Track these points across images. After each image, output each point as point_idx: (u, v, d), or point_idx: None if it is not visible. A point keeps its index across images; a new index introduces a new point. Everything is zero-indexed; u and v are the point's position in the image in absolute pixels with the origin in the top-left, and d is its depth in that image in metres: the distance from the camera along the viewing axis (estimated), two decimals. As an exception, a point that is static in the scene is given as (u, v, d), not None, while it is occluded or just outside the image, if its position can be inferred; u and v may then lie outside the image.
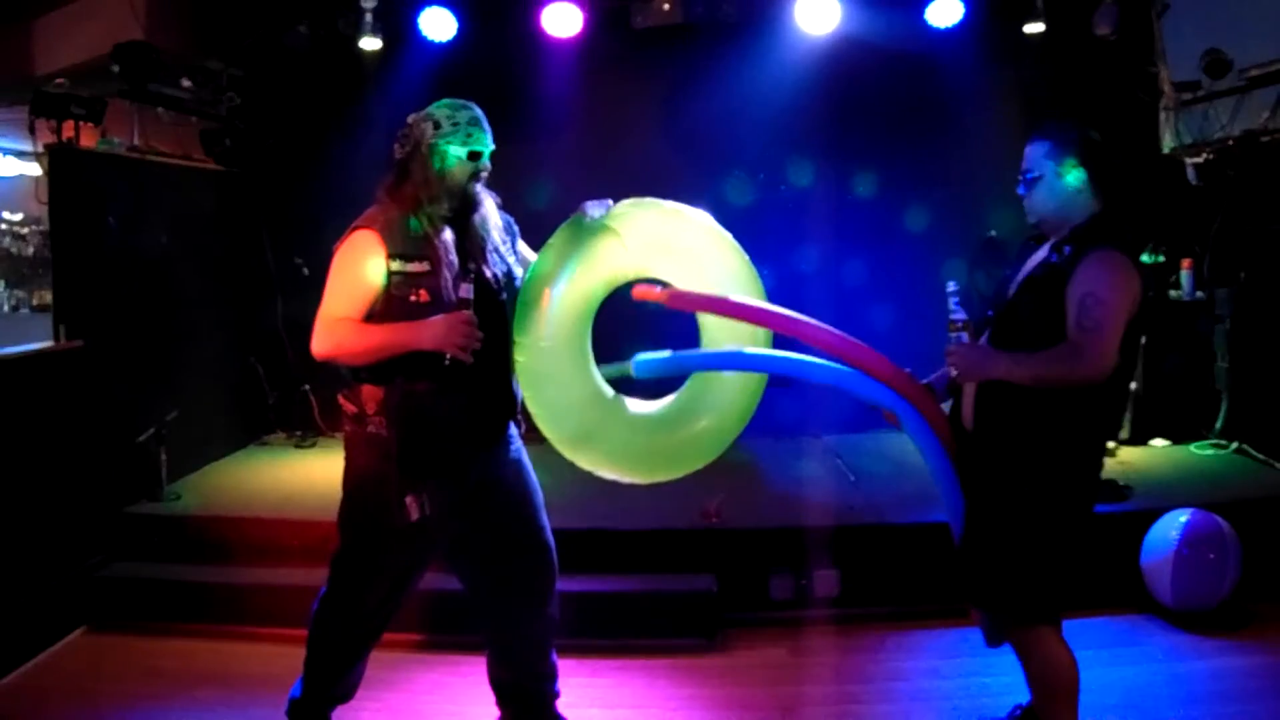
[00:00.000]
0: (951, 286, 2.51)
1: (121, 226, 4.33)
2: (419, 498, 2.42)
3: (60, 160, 4.12)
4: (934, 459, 2.53)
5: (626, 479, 2.63)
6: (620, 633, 3.58)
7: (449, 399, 2.45)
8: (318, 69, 5.31)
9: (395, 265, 2.39)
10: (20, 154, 8.18)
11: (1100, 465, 2.48)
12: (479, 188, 2.52)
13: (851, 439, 5.22)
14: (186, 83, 4.96)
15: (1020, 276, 2.50)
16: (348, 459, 2.56)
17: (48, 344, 4.07)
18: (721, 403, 2.66)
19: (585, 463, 2.58)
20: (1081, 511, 2.45)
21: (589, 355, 2.59)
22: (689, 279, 2.60)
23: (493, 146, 2.52)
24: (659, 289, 2.57)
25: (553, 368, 2.50)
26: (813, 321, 2.54)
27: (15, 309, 8.26)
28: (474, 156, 2.47)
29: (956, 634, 3.53)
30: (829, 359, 2.54)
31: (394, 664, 3.33)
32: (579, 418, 2.54)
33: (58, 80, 4.27)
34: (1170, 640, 3.45)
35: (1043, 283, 2.38)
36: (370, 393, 2.44)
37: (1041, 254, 2.47)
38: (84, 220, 4.16)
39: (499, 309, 2.53)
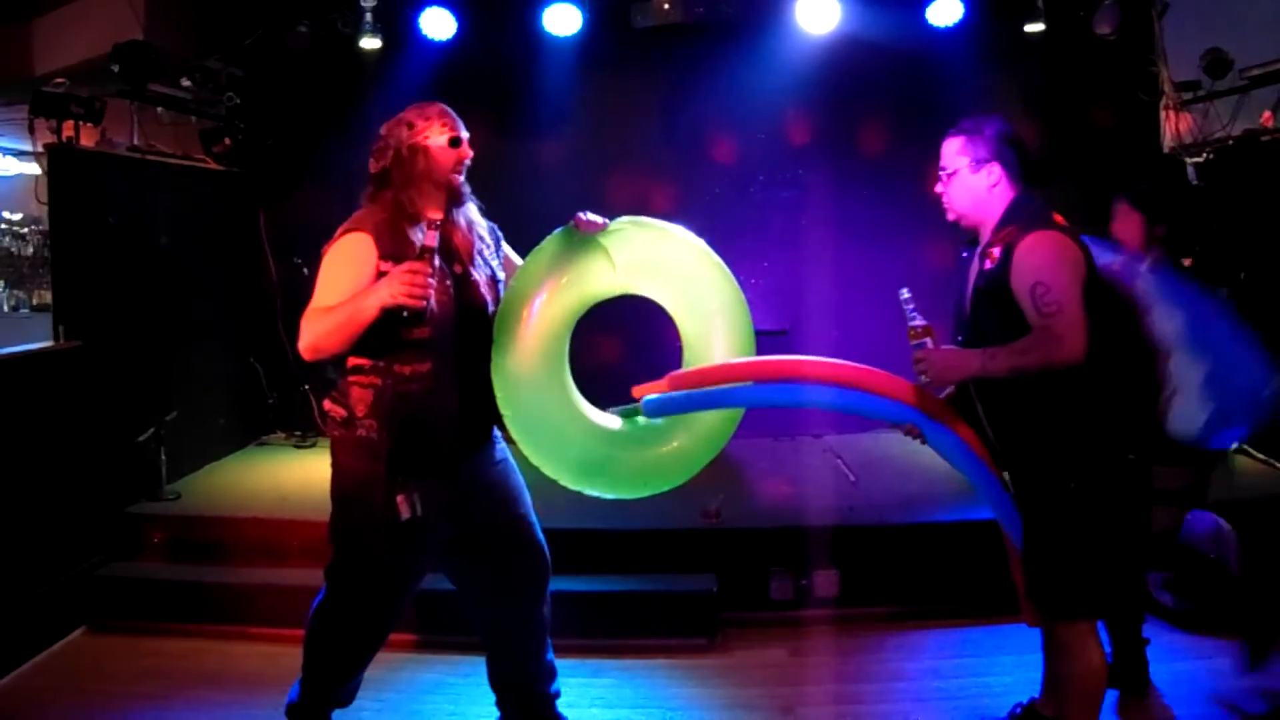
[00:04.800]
0: (905, 294, 2.48)
1: (121, 226, 4.33)
2: (409, 497, 2.41)
3: (60, 160, 4.12)
4: (969, 468, 2.50)
5: (590, 491, 2.62)
6: (620, 633, 3.58)
7: (439, 400, 2.44)
8: (318, 69, 5.31)
9: (386, 267, 2.36)
10: (20, 154, 8.19)
11: (1139, 449, 2.43)
12: (463, 182, 2.52)
13: (851, 439, 5.22)
14: (186, 82, 4.96)
15: (968, 291, 2.49)
16: (335, 465, 2.53)
17: (47, 344, 4.07)
18: (696, 422, 2.63)
19: (551, 470, 2.57)
20: (1122, 501, 2.40)
21: (565, 365, 2.59)
22: (672, 301, 2.61)
23: (467, 134, 2.52)
24: (662, 381, 2.53)
25: (529, 374, 2.50)
26: (812, 359, 2.53)
27: (15, 309, 8.26)
28: (454, 143, 2.48)
29: (956, 634, 3.53)
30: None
31: (394, 664, 3.33)
32: (551, 425, 2.54)
33: (57, 80, 4.27)
34: (1170, 640, 3.44)
35: (989, 294, 2.38)
36: (360, 395, 2.43)
37: (976, 263, 2.46)
38: (84, 220, 4.16)
39: (483, 312, 2.52)
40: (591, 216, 2.52)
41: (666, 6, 5.08)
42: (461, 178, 2.50)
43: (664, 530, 3.85)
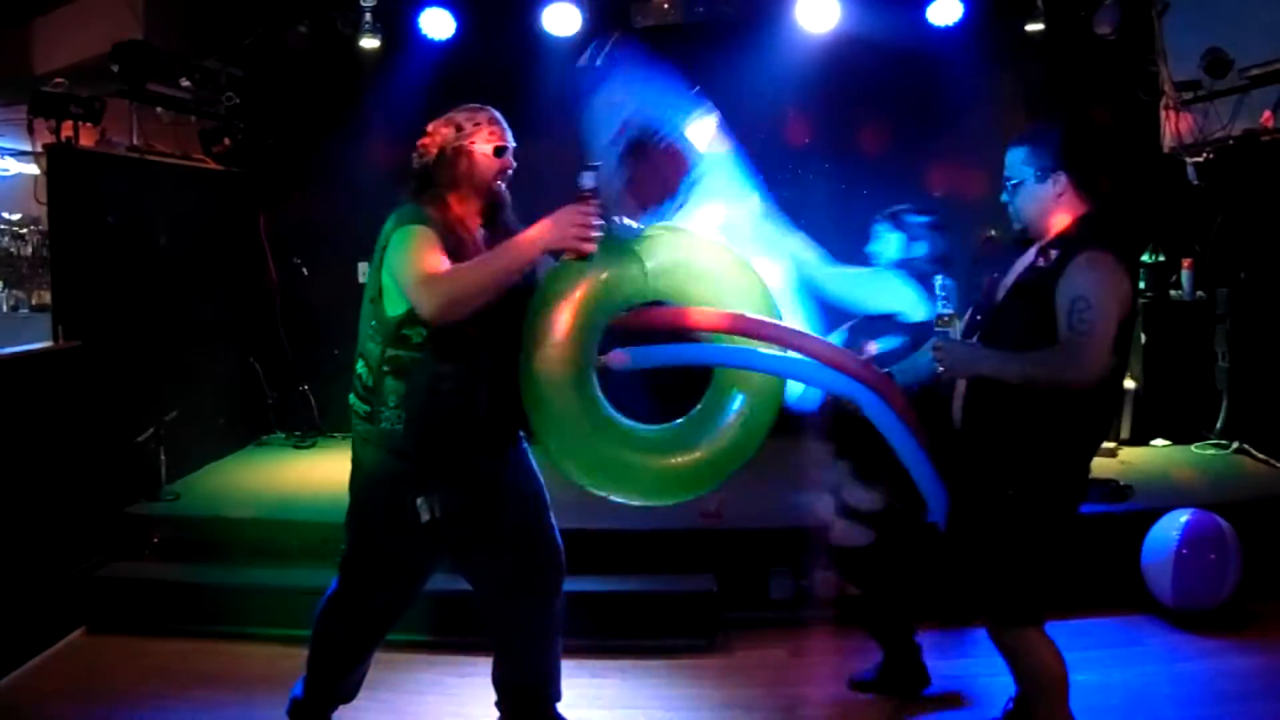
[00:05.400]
0: (940, 281, 2.50)
1: (121, 226, 4.32)
2: (430, 498, 2.40)
3: (59, 160, 4.12)
4: (902, 446, 2.54)
5: (615, 497, 2.62)
6: (620, 633, 3.58)
7: (471, 401, 2.44)
8: (317, 69, 5.30)
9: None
10: (19, 154, 8.16)
11: (1088, 467, 2.45)
12: (504, 189, 2.52)
13: (851, 439, 5.21)
14: (185, 82, 4.96)
15: (1009, 281, 2.48)
16: (357, 459, 2.53)
17: (46, 344, 4.07)
18: (725, 431, 2.66)
19: (577, 475, 2.57)
20: (1067, 513, 2.43)
21: (593, 370, 2.58)
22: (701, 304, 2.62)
23: (515, 143, 2.53)
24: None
25: (557, 379, 2.49)
26: (764, 319, 2.55)
27: (14, 309, 8.25)
28: (499, 152, 2.48)
29: (956, 634, 3.53)
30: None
31: (394, 664, 3.32)
32: (577, 430, 2.54)
33: (56, 80, 4.27)
34: (1170, 640, 3.45)
35: (1031, 288, 2.37)
36: (393, 387, 2.41)
37: (1029, 258, 2.45)
38: (83, 220, 4.16)
39: (518, 316, 2.52)
40: (625, 220, 2.53)
41: (666, 6, 5.08)
42: (503, 185, 2.51)
43: (664, 530, 3.85)
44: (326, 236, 5.51)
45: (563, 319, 2.48)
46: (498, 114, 2.53)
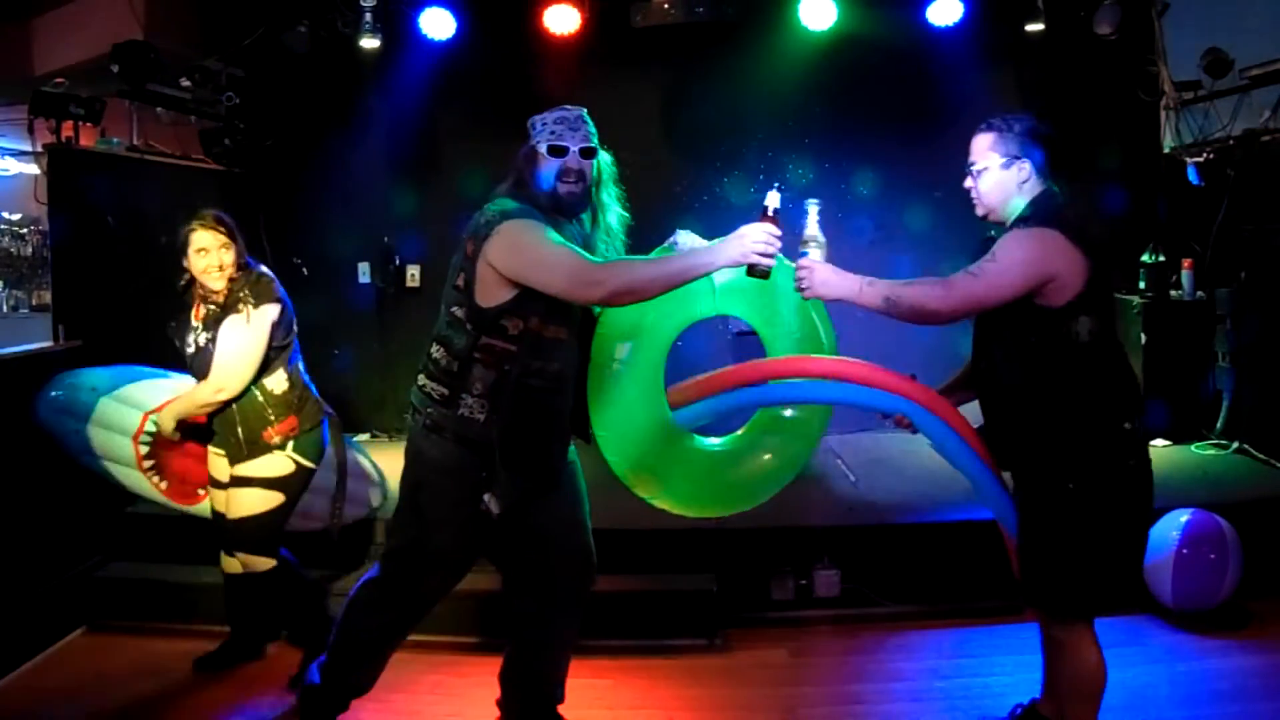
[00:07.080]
0: (812, 203, 2.49)
1: (121, 226, 4.32)
2: (498, 494, 2.40)
3: (59, 160, 4.12)
4: (960, 458, 2.53)
5: (678, 511, 2.67)
6: (620, 633, 3.57)
7: (555, 402, 2.45)
8: (317, 69, 5.30)
9: None
10: (20, 154, 8.17)
11: (1134, 454, 2.38)
12: (573, 193, 2.47)
13: (851, 439, 5.22)
14: (186, 82, 4.96)
15: None
16: (417, 450, 2.49)
17: (47, 344, 4.06)
18: (781, 443, 2.75)
19: (642, 490, 2.62)
20: (1130, 504, 2.38)
21: (661, 385, 2.63)
22: (763, 325, 2.74)
23: (582, 144, 2.46)
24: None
25: (624, 392, 2.53)
26: (806, 356, 2.63)
27: (14, 309, 8.26)
28: (554, 152, 2.44)
29: (956, 634, 3.53)
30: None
31: (395, 664, 3.29)
32: (643, 446, 2.57)
33: (57, 80, 4.27)
34: (1170, 640, 3.45)
35: None
36: (482, 374, 2.38)
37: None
38: (83, 220, 4.16)
39: (593, 321, 2.55)
40: (695, 238, 2.56)
41: (666, 6, 5.08)
42: (571, 188, 2.46)
43: (664, 530, 3.83)
44: (326, 236, 5.51)
45: (632, 334, 2.52)
46: (570, 113, 2.49)
